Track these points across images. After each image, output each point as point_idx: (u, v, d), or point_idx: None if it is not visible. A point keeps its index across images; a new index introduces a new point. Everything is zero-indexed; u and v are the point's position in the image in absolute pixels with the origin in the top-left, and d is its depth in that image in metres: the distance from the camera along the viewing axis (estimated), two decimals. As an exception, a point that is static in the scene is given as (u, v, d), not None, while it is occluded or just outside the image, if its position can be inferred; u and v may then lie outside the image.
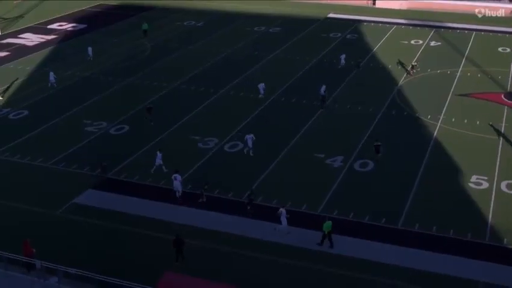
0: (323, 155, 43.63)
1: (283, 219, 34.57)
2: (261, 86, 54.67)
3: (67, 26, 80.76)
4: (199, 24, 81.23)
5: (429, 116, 50.32)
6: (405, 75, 59.38)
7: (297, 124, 49.12)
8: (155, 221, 36.04)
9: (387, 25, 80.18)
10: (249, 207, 36.74)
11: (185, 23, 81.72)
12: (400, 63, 63.22)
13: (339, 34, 75.79)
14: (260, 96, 54.27)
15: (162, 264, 31.39)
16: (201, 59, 66.11)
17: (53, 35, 76.48)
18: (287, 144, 45.53)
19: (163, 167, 41.43)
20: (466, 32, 76.80)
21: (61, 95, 56.02)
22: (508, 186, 39.59)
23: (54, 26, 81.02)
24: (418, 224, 35.45)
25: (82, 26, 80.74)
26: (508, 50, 69.02)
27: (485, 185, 39.83)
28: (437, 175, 41.11)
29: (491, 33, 76.20)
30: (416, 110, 51.63)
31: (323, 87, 52.99)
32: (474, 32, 76.33)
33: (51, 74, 57.90)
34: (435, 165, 42.44)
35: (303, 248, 33.37)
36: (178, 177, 38.33)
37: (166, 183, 39.86)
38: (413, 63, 60.54)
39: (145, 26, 75.12)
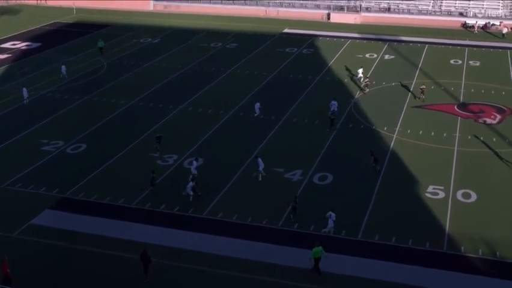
0: (282, 169, 43.87)
1: (330, 222, 35.47)
2: (257, 105, 54.32)
3: (21, 45, 79.66)
4: (155, 41, 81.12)
5: (385, 128, 51.11)
6: (358, 92, 59.96)
7: (256, 139, 49.31)
8: (115, 240, 35.66)
9: (342, 39, 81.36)
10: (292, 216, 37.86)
11: (141, 40, 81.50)
12: (350, 74, 64.42)
13: (295, 49, 76.57)
14: (256, 115, 53.86)
15: (124, 284, 31.07)
16: (158, 75, 65.97)
17: (6, 54, 75.35)
18: (246, 159, 45.65)
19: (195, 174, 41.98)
20: (419, 44, 78.45)
21: (17, 114, 55.17)
22: (464, 195, 40.40)
23: (7, 45, 79.84)
24: (378, 235, 35.88)
25: (37, 44, 79.75)
26: (460, 61, 70.69)
27: (442, 194, 40.57)
28: (395, 186, 41.74)
29: (443, 46, 77.97)
30: (372, 123, 52.38)
31: (334, 104, 52.79)
32: (426, 45, 78.01)
33: (25, 90, 57.71)
34: (392, 177, 43.08)
35: (269, 263, 33.48)
36: (191, 183, 39.12)
37: (126, 202, 39.64)
38: (366, 81, 61.17)
39: (100, 43, 74.64)
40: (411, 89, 60.64)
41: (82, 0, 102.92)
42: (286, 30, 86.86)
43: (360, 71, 62.87)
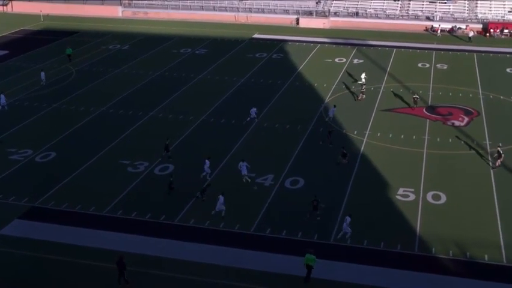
0: (253, 174, 43.90)
1: (345, 226, 35.64)
2: (253, 110, 54.04)
3: (-13, 53, 78.71)
4: (124, 48, 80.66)
5: (355, 132, 51.47)
6: (358, 97, 60.01)
7: (227, 144, 49.29)
8: (87, 248, 35.31)
9: (311, 44, 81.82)
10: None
11: (110, 47, 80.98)
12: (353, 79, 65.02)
13: (265, 54, 76.78)
14: (253, 118, 53.69)
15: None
16: (127, 82, 65.61)
17: (-27, 62, 74.38)
18: (218, 165, 45.59)
19: (208, 176, 43.34)
20: (387, 48, 79.24)
21: (-17, 124, 54.46)
22: (434, 196, 40.85)
23: (-27, 52, 78.82)
24: (349, 238, 36.06)
25: (3, 52, 78.69)
26: (427, 65, 71.54)
27: (412, 196, 40.97)
28: (366, 189, 42.03)
29: (410, 50, 78.85)
30: (342, 127, 52.70)
31: (333, 110, 53.35)
32: (394, 49, 78.83)
33: (2, 96, 57.12)
34: (363, 180, 43.38)
35: (241, 269, 33.44)
36: (221, 198, 38.38)
37: (97, 210, 39.32)
38: (362, 90, 60.85)
39: (69, 50, 74.00)
40: (380, 93, 61.25)
41: (50, 5, 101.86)
42: (256, 36, 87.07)
43: (363, 75, 63.11)
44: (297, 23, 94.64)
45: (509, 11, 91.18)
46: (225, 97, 60.80)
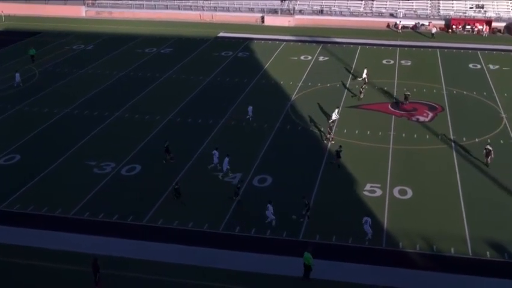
0: (221, 173, 43.79)
1: (368, 228, 35.42)
2: (250, 108, 53.90)
3: None
4: (88, 48, 79.82)
5: (322, 129, 51.70)
6: (359, 94, 59.69)
7: (194, 144, 49.13)
8: (54, 251, 34.85)
9: (277, 42, 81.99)
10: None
11: (74, 47, 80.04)
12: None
13: (231, 53, 76.71)
14: (248, 117, 53.54)
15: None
16: (92, 82, 64.94)
17: None
18: (185, 164, 45.43)
19: (218, 166, 44.02)
20: (352, 46, 79.79)
21: None
22: (400, 191, 41.29)
23: None
24: (318, 235, 36.26)
25: (-36, 53, 77.43)
26: (392, 61, 72.25)
27: (379, 192, 41.35)
28: (333, 186, 42.28)
29: (375, 46, 79.53)
30: (309, 124, 52.93)
31: (336, 112, 52.63)
32: (359, 46, 79.42)
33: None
34: (331, 176, 43.62)
35: (212, 268, 33.41)
36: (270, 207, 37.44)
37: (63, 212, 38.87)
38: (362, 87, 60.78)
39: (32, 51, 72.98)
40: (346, 90, 61.65)
41: (11, 6, 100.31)
42: (221, 34, 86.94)
43: (365, 71, 63.30)
44: (262, 21, 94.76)
45: (470, 7, 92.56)
46: (191, 96, 60.57)
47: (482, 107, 57.21)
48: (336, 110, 52.64)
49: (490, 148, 44.71)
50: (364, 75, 62.82)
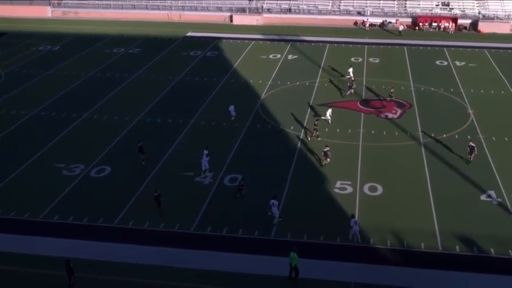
0: (192, 173, 43.68)
1: (355, 227, 35.04)
2: (232, 108, 53.44)
3: None
4: (55, 49, 78.87)
5: (292, 127, 51.82)
6: (348, 92, 60.12)
7: (164, 144, 48.85)
8: (23, 256, 34.37)
9: (246, 41, 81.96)
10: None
11: (40, 48, 79.03)
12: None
13: (200, 52, 76.47)
14: (232, 118, 53.16)
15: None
16: (60, 83, 64.17)
17: None
18: (156, 165, 45.16)
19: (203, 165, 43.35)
20: (321, 44, 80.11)
21: None
22: (371, 188, 41.58)
23: None
24: (290, 233, 36.32)
25: None
26: (360, 59, 72.71)
27: (350, 189, 41.58)
28: (304, 184, 42.37)
29: (343, 44, 79.95)
30: (279, 122, 53.00)
31: (329, 112, 52.48)
32: (328, 44, 79.77)
33: None
34: (301, 175, 43.72)
35: (183, 268, 33.24)
36: (275, 202, 37.38)
37: (32, 216, 38.34)
38: (350, 85, 60.99)
39: (-3, 52, 72.03)
40: (315, 88, 61.88)
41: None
42: (189, 34, 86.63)
43: (351, 70, 63.53)
44: (231, 20, 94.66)
45: (436, 5, 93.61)
46: (161, 96, 60.22)
47: (450, 103, 57.89)
48: (330, 110, 52.66)
49: (473, 145, 45.07)
50: (351, 74, 63.17)
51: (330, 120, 52.06)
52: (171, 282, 32.05)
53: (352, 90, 60.15)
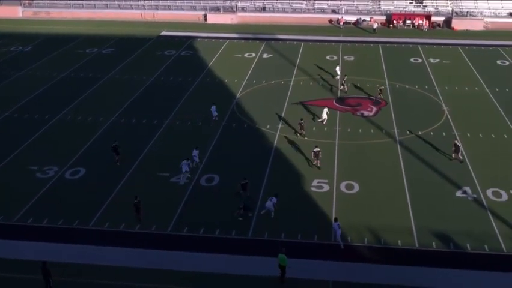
0: (168, 174, 43.34)
1: (338, 231, 34.87)
2: (213, 108, 52.36)
3: None
4: (27, 49, 77.86)
5: (268, 126, 51.71)
6: (340, 88, 60.19)
7: (139, 144, 48.43)
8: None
9: (220, 40, 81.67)
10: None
11: (11, 49, 77.97)
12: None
13: (174, 51, 76.03)
14: (214, 118, 52.35)
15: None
16: (32, 84, 63.34)
17: None
18: (131, 166, 44.74)
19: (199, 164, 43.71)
20: (295, 42, 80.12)
21: None
22: (347, 186, 41.60)
23: None
24: (267, 232, 36.20)
25: None
26: (335, 57, 72.83)
27: (326, 187, 41.56)
28: (281, 183, 42.23)
29: (318, 43, 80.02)
30: (255, 121, 52.85)
31: (326, 111, 52.05)
32: (302, 43, 79.81)
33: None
34: (278, 173, 43.60)
35: (160, 270, 32.93)
36: (274, 199, 37.78)
37: (5, 219, 37.72)
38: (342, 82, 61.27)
39: (-33, 54, 70.86)
40: (290, 86, 61.82)
41: None
42: (163, 33, 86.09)
43: (338, 68, 63.74)
44: (205, 19, 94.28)
45: (410, 2, 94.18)
46: (135, 96, 59.72)
47: (425, 100, 58.20)
48: (326, 109, 52.40)
49: (459, 144, 45.17)
50: (338, 72, 63.51)
51: (326, 120, 51.90)
52: (148, 284, 31.75)
53: (344, 87, 60.40)
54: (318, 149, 44.00)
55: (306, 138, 48.99)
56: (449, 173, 43.15)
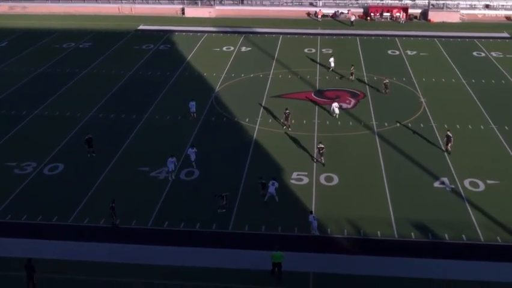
0: (147, 168, 43.23)
1: (314, 222, 35.00)
2: (193, 104, 51.91)
3: None
4: (2, 45, 77.03)
5: (247, 119, 51.75)
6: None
7: (118, 140, 48.22)
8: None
9: (199, 34, 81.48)
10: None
11: (-13, 44, 77.25)
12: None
13: (152, 45, 75.70)
14: (192, 114, 51.90)
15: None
16: (8, 80, 62.70)
17: None
18: (110, 161, 44.55)
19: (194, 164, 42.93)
20: (274, 35, 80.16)
21: None
22: (327, 178, 41.81)
23: None
24: (248, 225, 36.29)
25: None
26: (314, 50, 73.02)
27: (306, 180, 41.72)
28: (261, 175, 42.23)
29: (296, 36, 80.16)
30: (234, 115, 52.86)
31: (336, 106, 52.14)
32: (281, 36, 79.88)
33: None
34: (257, 167, 43.63)
35: (134, 264, 32.90)
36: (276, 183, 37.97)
37: (-17, 216, 37.45)
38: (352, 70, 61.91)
39: None
40: (269, 79, 61.88)
41: None
42: (141, 27, 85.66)
43: (332, 60, 64.23)
44: (183, 13, 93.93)
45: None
46: (114, 91, 59.42)
47: (402, 92, 58.60)
48: (335, 104, 52.47)
49: (450, 135, 45.43)
50: (332, 64, 64.19)
51: (337, 115, 52.04)
52: (129, 279, 31.69)
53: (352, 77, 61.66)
54: (322, 146, 43.70)
55: (290, 129, 49.13)
56: (427, 164, 43.54)
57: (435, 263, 32.89)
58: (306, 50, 72.93)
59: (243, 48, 74.28)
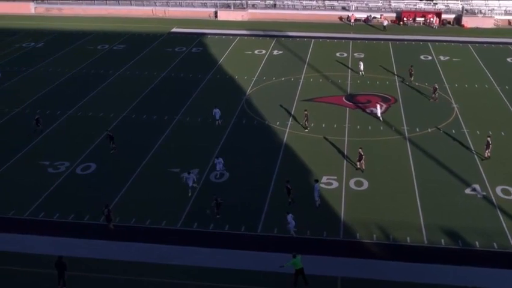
0: (178, 170, 43.56)
1: (292, 222, 35.18)
2: (217, 111, 51.60)
3: None
4: (39, 45, 78.35)
5: (278, 123, 51.86)
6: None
7: (150, 140, 48.70)
8: (9, 253, 34.12)
9: (231, 37, 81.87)
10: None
11: (24, 45, 78.46)
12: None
13: (184, 48, 76.28)
14: (217, 122, 51.62)
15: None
16: (43, 80, 63.75)
17: None
18: (141, 162, 45.02)
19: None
20: (305, 39, 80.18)
21: None
22: (356, 183, 41.68)
23: None
24: (277, 228, 36.37)
25: None
26: (345, 54, 72.86)
27: (335, 184, 41.66)
28: (291, 179, 42.12)
29: (328, 40, 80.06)
30: (265, 118, 53.01)
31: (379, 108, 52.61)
32: (313, 40, 79.86)
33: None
34: (287, 170, 43.65)
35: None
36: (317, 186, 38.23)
37: (17, 214, 38.07)
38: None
39: (-20, 50, 71.32)
40: (300, 84, 61.93)
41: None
42: (174, 30, 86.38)
43: (361, 63, 64.61)
44: (216, 16, 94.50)
45: (421, 0, 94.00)
46: (146, 93, 60.02)
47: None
48: (378, 106, 52.98)
49: (489, 141, 44.82)
50: (361, 68, 64.30)
51: (381, 118, 52.20)
52: (161, 279, 31.95)
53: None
54: (361, 151, 43.25)
55: (306, 130, 49.15)
56: (458, 171, 43.16)
57: (466, 270, 32.57)
58: (337, 54, 72.82)
59: (275, 52, 74.44)
